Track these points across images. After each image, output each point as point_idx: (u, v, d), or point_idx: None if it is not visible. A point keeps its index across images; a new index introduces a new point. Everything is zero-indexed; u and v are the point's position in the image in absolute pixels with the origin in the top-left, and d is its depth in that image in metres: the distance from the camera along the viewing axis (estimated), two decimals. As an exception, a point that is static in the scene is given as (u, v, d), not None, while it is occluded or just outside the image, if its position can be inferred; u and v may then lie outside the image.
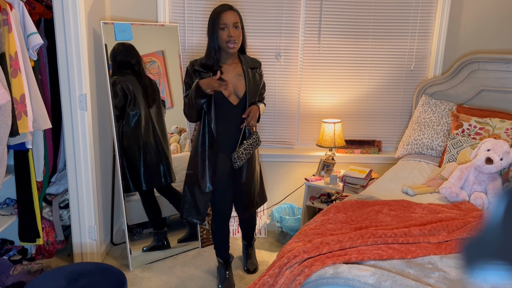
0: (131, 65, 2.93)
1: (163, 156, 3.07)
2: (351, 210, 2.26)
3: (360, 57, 3.34)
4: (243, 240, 2.99)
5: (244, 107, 2.45)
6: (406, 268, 1.73)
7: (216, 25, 2.32)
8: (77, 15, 2.55)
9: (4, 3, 2.24)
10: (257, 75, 2.52)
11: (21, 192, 2.68)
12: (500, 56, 3.07)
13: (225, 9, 2.33)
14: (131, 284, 2.75)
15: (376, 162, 3.42)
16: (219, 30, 2.32)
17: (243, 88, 2.44)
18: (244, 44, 2.48)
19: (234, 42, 2.33)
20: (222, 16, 2.30)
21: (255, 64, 2.52)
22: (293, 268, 1.79)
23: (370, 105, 3.43)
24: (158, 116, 3.04)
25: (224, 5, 2.36)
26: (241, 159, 2.45)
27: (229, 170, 2.54)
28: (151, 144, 3.01)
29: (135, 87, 2.92)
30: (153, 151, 3.02)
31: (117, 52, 2.86)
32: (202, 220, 2.60)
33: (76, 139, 2.71)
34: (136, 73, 2.95)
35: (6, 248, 2.86)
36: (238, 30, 2.34)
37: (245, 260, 2.97)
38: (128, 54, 2.92)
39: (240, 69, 2.45)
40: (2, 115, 2.18)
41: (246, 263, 2.94)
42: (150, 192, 3.09)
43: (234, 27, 2.32)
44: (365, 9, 3.24)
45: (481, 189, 2.50)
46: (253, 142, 2.50)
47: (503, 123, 2.87)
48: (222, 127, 2.46)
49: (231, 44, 2.32)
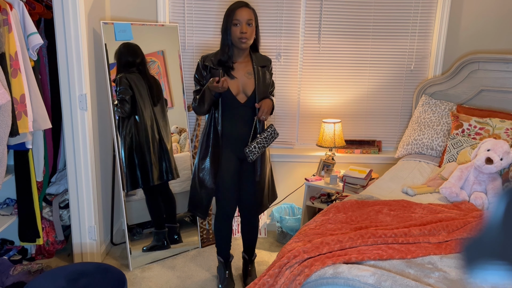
0: (136, 64, 2.96)
1: (166, 154, 3.09)
2: (351, 210, 2.26)
3: (360, 57, 3.34)
4: (244, 253, 2.86)
5: (252, 106, 2.45)
6: (406, 268, 1.73)
7: (230, 21, 2.33)
8: (77, 15, 2.55)
9: (4, 3, 2.24)
10: (267, 74, 2.50)
11: (21, 192, 2.68)
12: (500, 56, 3.07)
13: (240, 5, 2.35)
14: (131, 284, 2.75)
15: (376, 162, 3.42)
16: (232, 26, 2.33)
17: (252, 87, 2.44)
18: (257, 42, 2.48)
19: (246, 38, 2.33)
20: (237, 12, 2.32)
21: (265, 62, 2.51)
22: (293, 268, 1.79)
23: (370, 105, 3.43)
24: (162, 114, 3.07)
25: (240, 2, 2.38)
26: (254, 153, 2.42)
27: (235, 168, 2.54)
28: (156, 141, 3.03)
29: (141, 85, 2.94)
30: (157, 148, 3.04)
31: (122, 51, 2.89)
32: (205, 215, 2.62)
33: (76, 139, 2.71)
34: (141, 72, 2.97)
35: (6, 248, 2.86)
36: (251, 28, 2.35)
37: (244, 277, 2.83)
38: (134, 53, 2.94)
39: (250, 67, 2.45)
40: (2, 115, 2.17)
41: (245, 281, 2.79)
42: (154, 190, 3.10)
43: (247, 24, 2.33)
44: (365, 9, 3.24)
45: (481, 189, 2.50)
46: (268, 136, 2.47)
47: (503, 123, 2.87)
48: (228, 125, 2.47)
49: (243, 40, 2.33)
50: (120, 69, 2.89)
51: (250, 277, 2.80)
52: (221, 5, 3.20)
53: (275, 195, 2.78)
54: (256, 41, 2.47)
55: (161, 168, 3.07)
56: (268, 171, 2.65)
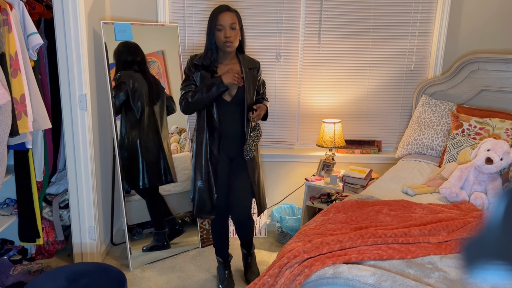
0: (136, 63, 2.96)
1: (164, 155, 3.08)
2: (351, 210, 2.26)
3: (360, 57, 3.34)
4: (242, 248, 2.86)
5: (237, 104, 2.49)
6: (406, 268, 1.73)
7: (213, 26, 2.38)
8: (77, 15, 2.55)
9: (4, 3, 2.24)
10: (255, 75, 2.55)
11: (21, 192, 2.68)
12: (500, 56, 3.07)
13: (222, 10, 2.38)
14: (131, 284, 2.75)
15: (376, 162, 3.42)
16: (216, 31, 2.38)
17: (236, 87, 2.48)
18: (242, 44, 2.52)
19: (230, 42, 2.38)
20: (219, 17, 2.36)
21: (254, 64, 2.55)
22: (293, 268, 1.79)
23: (370, 105, 3.43)
24: (161, 113, 3.07)
25: (222, 6, 2.41)
26: (252, 150, 2.51)
27: (227, 167, 2.57)
28: (154, 141, 3.03)
29: (140, 84, 2.94)
30: (155, 149, 3.04)
31: (122, 49, 2.89)
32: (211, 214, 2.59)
33: (76, 139, 2.71)
34: (141, 70, 2.98)
35: (6, 248, 2.86)
36: (234, 31, 2.39)
37: (245, 270, 2.85)
38: (134, 52, 2.95)
39: (236, 69, 2.48)
40: (2, 115, 2.17)
41: (246, 273, 2.82)
42: (155, 191, 3.10)
43: (230, 28, 2.37)
44: (365, 9, 3.24)
45: (481, 189, 2.50)
46: (257, 134, 2.55)
47: (503, 123, 2.87)
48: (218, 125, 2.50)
49: (227, 44, 2.37)
50: (120, 67, 2.89)
51: (250, 270, 2.82)
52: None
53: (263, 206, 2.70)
54: (242, 43, 2.51)
55: (159, 169, 3.07)
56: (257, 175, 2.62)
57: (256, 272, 2.82)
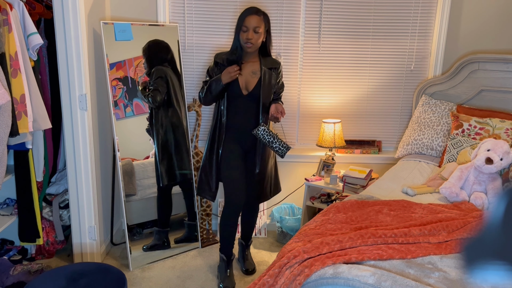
0: (167, 60, 3.05)
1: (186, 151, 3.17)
2: (351, 210, 2.26)
3: (360, 57, 3.34)
4: (241, 239, 3.02)
5: (252, 99, 2.63)
6: (406, 268, 1.73)
7: (240, 26, 2.55)
8: (77, 15, 2.55)
9: (4, 3, 2.24)
10: (274, 75, 2.67)
11: (21, 192, 2.68)
12: (500, 56, 3.07)
13: (250, 13, 2.53)
14: (131, 284, 2.75)
15: (376, 162, 3.42)
16: (241, 31, 2.54)
17: (253, 85, 2.62)
18: (267, 47, 2.67)
19: (251, 44, 2.53)
20: (246, 19, 2.52)
21: (274, 65, 2.69)
22: (293, 268, 1.79)
23: (370, 105, 3.43)
24: (184, 111, 3.16)
25: (251, 9, 2.55)
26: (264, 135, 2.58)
27: (241, 161, 2.69)
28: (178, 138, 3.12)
29: (173, 79, 3.05)
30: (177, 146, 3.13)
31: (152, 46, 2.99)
32: (213, 198, 2.80)
33: (76, 139, 2.71)
34: (173, 67, 3.07)
35: (6, 248, 2.86)
36: (257, 34, 2.53)
37: (242, 261, 2.99)
38: (164, 49, 3.04)
39: (256, 67, 2.63)
40: (2, 115, 2.18)
41: (244, 264, 2.96)
42: (168, 188, 3.13)
43: (254, 31, 2.52)
44: (365, 9, 3.24)
45: (481, 189, 2.50)
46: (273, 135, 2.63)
47: (503, 123, 2.87)
48: (233, 118, 2.67)
49: (248, 45, 2.54)
50: (153, 62, 2.98)
51: (247, 261, 2.98)
52: (221, 5, 3.20)
53: (279, 187, 2.94)
54: (266, 46, 2.66)
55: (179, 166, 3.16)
56: (271, 165, 2.80)
57: (253, 263, 2.99)
